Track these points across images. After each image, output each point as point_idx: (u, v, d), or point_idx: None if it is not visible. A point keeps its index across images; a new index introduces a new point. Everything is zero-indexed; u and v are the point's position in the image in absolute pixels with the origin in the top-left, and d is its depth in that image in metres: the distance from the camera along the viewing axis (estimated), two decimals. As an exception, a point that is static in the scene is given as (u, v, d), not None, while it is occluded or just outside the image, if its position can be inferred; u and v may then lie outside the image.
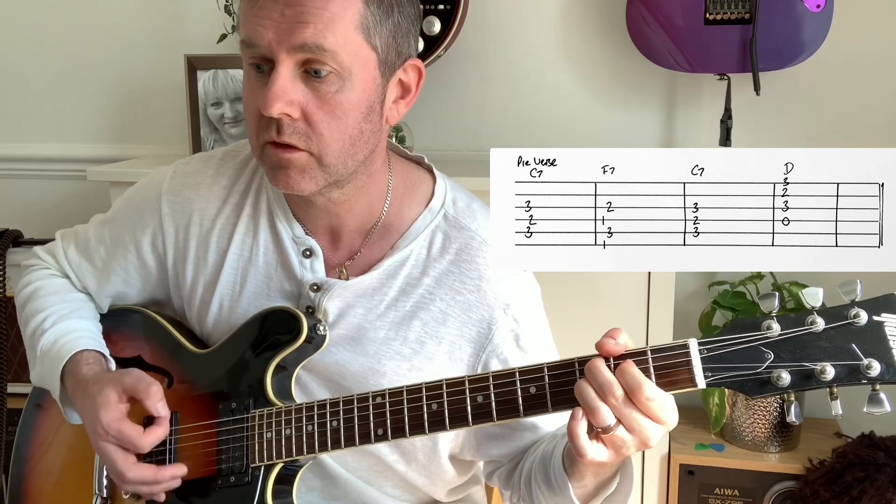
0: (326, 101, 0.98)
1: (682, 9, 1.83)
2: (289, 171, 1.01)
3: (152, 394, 1.05)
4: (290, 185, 1.02)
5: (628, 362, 0.86)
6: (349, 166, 1.03)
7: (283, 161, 1.00)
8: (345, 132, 1.00)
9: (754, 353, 0.85)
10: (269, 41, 0.95)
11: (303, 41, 0.95)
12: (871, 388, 0.83)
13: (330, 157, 1.00)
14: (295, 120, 0.98)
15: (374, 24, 0.98)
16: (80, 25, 2.30)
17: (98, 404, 1.05)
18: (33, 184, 2.41)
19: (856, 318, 0.82)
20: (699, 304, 2.05)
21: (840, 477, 1.74)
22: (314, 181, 1.02)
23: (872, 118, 1.96)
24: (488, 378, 0.93)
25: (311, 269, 1.12)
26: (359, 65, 0.98)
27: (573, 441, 0.87)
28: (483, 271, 1.10)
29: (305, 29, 0.94)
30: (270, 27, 0.95)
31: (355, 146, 1.02)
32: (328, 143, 0.99)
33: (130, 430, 1.04)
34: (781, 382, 0.83)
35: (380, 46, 1.00)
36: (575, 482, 0.99)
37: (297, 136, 0.99)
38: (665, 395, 0.86)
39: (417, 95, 1.08)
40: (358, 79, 0.99)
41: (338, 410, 1.00)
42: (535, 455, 1.11)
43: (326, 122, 0.99)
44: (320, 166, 1.01)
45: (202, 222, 1.16)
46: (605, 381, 0.85)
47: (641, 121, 2.06)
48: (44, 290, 1.23)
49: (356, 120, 1.00)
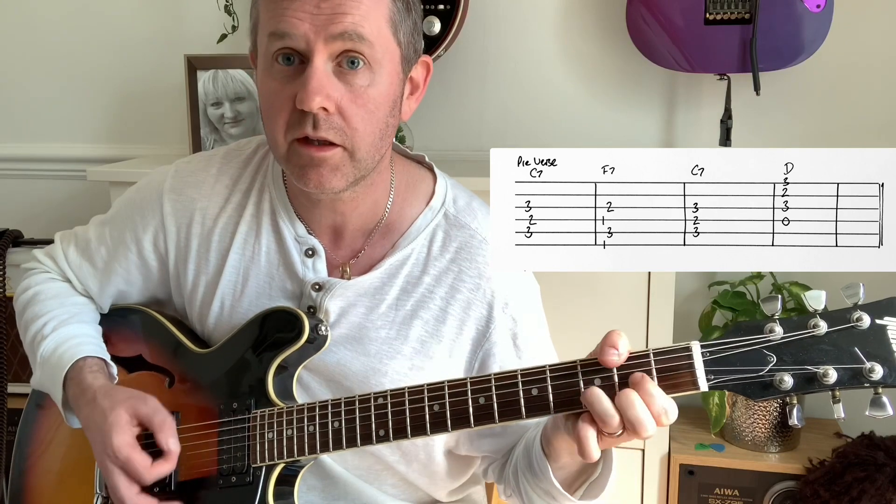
0: (360, 95, 0.99)
1: (682, 9, 1.83)
2: (321, 170, 1.00)
3: (166, 428, 1.04)
4: (321, 184, 1.01)
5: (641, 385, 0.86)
6: (375, 160, 1.04)
7: (317, 159, 1.00)
8: (376, 126, 1.01)
9: (757, 355, 0.85)
10: (304, 31, 0.96)
11: (343, 29, 0.96)
12: (874, 391, 0.83)
13: (362, 151, 1.01)
14: (331, 114, 0.98)
15: (399, 19, 1.01)
16: (81, 25, 2.30)
17: (110, 423, 1.03)
18: (33, 184, 2.41)
19: (859, 321, 0.82)
20: (699, 304, 2.05)
21: (840, 477, 1.73)
22: (345, 178, 1.02)
23: (872, 118, 1.96)
24: (490, 379, 0.93)
25: (314, 269, 1.12)
26: (387, 59, 1.00)
27: (583, 446, 0.87)
28: (483, 269, 1.10)
29: (344, 18, 0.96)
30: (306, 19, 0.96)
31: (383, 140, 1.03)
32: (362, 136, 1.00)
33: (138, 462, 1.02)
34: (784, 386, 0.83)
35: (403, 42, 1.02)
36: (553, 462, 1.00)
37: (334, 130, 0.98)
38: (671, 402, 0.86)
39: (425, 91, 1.10)
40: (385, 73, 1.00)
41: (339, 411, 1.00)
42: (520, 446, 1.11)
43: (360, 117, 0.99)
44: (352, 161, 1.01)
45: (204, 221, 1.16)
46: (606, 412, 0.86)
47: (641, 121, 2.06)
48: (43, 294, 1.23)
49: (384, 114, 1.02)
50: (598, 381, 0.88)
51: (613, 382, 0.88)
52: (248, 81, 2.01)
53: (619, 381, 0.88)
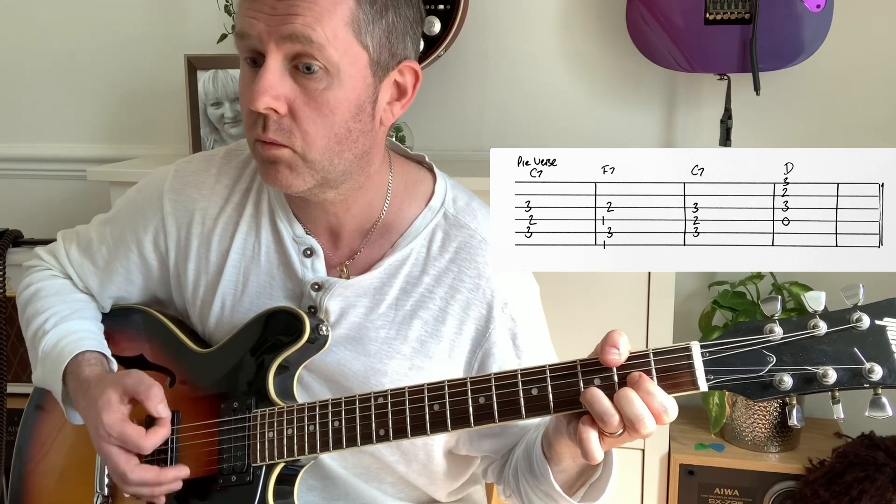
0: (314, 98, 0.98)
1: (682, 9, 1.83)
2: (277, 167, 1.01)
3: (153, 395, 1.05)
4: (279, 182, 1.02)
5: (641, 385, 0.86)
6: (336, 165, 1.03)
7: (270, 157, 1.00)
8: (330, 130, 1.00)
9: (756, 356, 0.85)
10: (259, 32, 0.96)
11: (291, 31, 0.95)
12: (873, 392, 0.83)
13: (314, 153, 1.00)
14: (281, 116, 0.98)
15: (365, 22, 0.98)
16: (81, 25, 2.30)
17: (100, 406, 1.04)
18: (33, 184, 2.41)
19: (858, 322, 0.82)
20: (699, 304, 2.05)
21: (840, 477, 1.74)
22: (302, 178, 1.02)
23: (872, 118, 1.96)
24: (490, 379, 0.93)
25: (312, 269, 1.12)
26: (347, 62, 0.98)
27: (585, 448, 0.87)
28: (482, 269, 1.11)
29: (294, 20, 0.95)
30: (262, 19, 0.96)
31: (342, 144, 1.01)
32: (313, 140, 0.99)
33: (132, 432, 1.04)
34: (783, 386, 0.83)
35: (371, 46, 0.99)
36: (553, 465, 1.00)
37: (282, 132, 0.99)
38: (670, 400, 0.86)
39: (414, 98, 1.08)
40: (347, 77, 0.98)
41: (339, 410, 1.00)
42: (520, 448, 1.11)
43: (312, 120, 0.98)
44: (305, 163, 1.01)
45: (204, 221, 1.16)
46: (605, 411, 0.86)
47: (641, 121, 2.06)
48: (45, 290, 1.23)
49: (343, 119, 1.00)
50: (598, 380, 0.88)
51: (613, 382, 0.88)
52: (248, 81, 2.01)
53: (618, 381, 0.88)
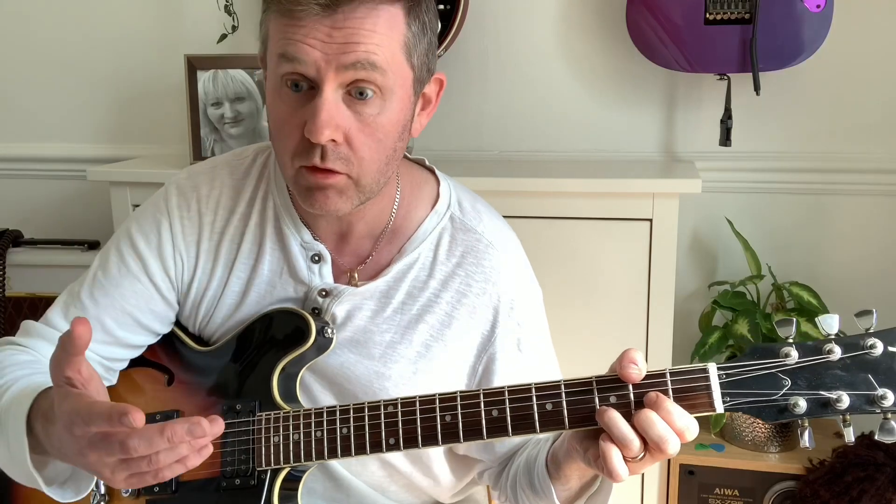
0: (368, 125, 0.97)
1: (682, 9, 1.83)
2: (326, 193, 0.99)
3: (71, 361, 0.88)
4: (326, 207, 1.00)
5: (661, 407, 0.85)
6: (381, 184, 1.03)
7: (322, 185, 0.99)
8: (383, 154, 1.00)
9: (772, 379, 0.85)
10: (315, 60, 0.93)
11: (355, 59, 0.93)
12: (883, 416, 0.84)
13: (368, 178, 1.00)
14: (339, 145, 0.97)
15: (414, 43, 0.98)
16: (81, 25, 2.30)
17: (59, 419, 0.88)
18: (33, 184, 2.41)
19: (871, 348, 0.83)
20: (699, 304, 2.05)
21: (840, 477, 1.74)
22: (350, 202, 1.01)
23: (872, 118, 1.96)
24: (504, 392, 0.92)
25: (320, 275, 1.11)
26: (399, 84, 0.98)
27: (610, 467, 0.87)
28: (489, 274, 1.10)
29: (357, 47, 0.93)
30: (317, 46, 0.93)
31: (389, 165, 1.02)
32: (368, 165, 0.99)
33: (101, 402, 0.86)
34: (798, 410, 0.84)
35: (416, 65, 0.99)
36: (560, 485, 1.01)
37: (340, 161, 0.97)
38: (691, 419, 0.86)
39: (437, 106, 1.08)
40: (397, 99, 0.98)
41: (347, 417, 0.99)
42: (519, 460, 1.11)
43: (368, 146, 0.98)
44: (357, 188, 1.00)
45: (211, 236, 1.15)
46: (625, 436, 0.86)
47: (641, 121, 2.06)
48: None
49: (393, 140, 1.00)
50: (614, 398, 0.88)
51: (629, 401, 0.88)
52: (248, 81, 2.01)
53: (634, 399, 0.87)
